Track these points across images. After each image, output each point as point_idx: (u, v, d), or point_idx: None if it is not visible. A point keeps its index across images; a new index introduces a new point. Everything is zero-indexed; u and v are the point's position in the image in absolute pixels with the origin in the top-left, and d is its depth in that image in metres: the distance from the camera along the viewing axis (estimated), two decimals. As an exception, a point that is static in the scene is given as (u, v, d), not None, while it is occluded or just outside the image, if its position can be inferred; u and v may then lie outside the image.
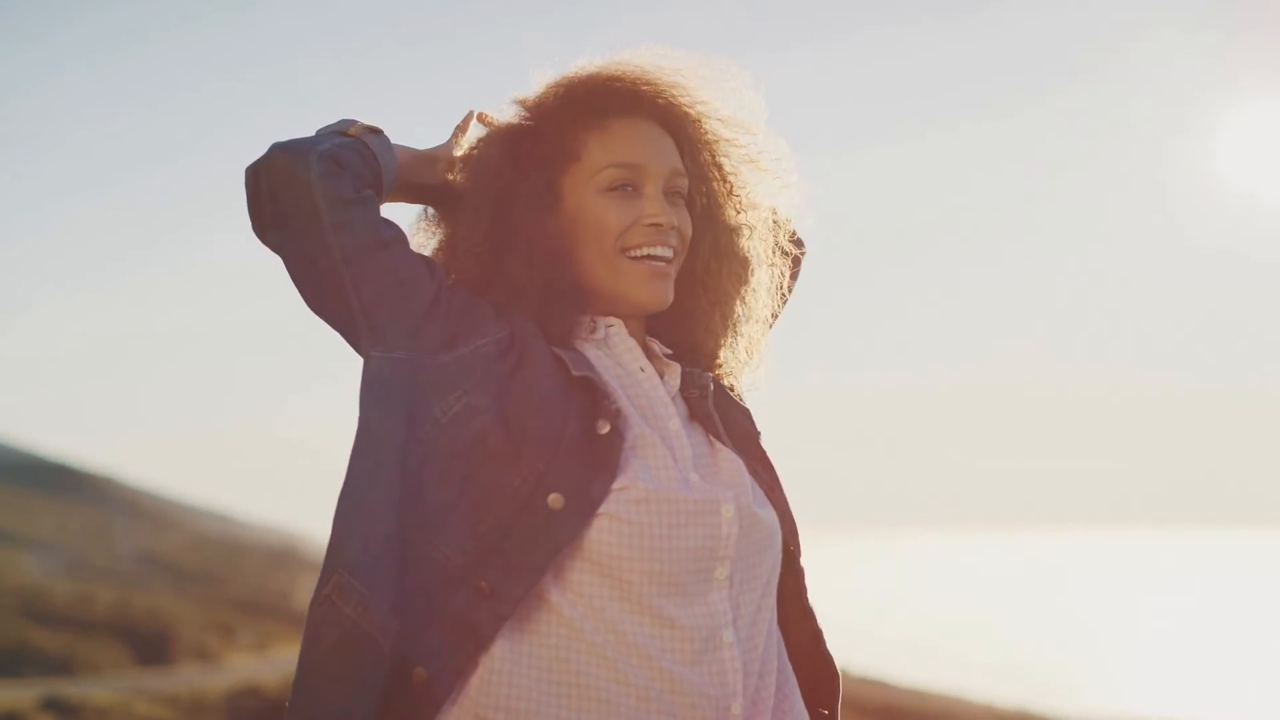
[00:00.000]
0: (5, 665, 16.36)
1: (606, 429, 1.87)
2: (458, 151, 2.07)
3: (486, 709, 1.81)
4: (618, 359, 1.99)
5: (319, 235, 1.85)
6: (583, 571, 1.83)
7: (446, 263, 2.00)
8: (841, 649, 2.11)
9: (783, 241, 2.13)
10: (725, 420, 2.04)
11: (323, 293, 1.89)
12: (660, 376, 2.01)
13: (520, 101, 2.05)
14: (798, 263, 2.23)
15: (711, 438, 1.99)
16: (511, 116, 2.04)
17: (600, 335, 2.00)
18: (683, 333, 2.07)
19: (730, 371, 2.10)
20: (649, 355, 2.02)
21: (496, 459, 1.84)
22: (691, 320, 2.06)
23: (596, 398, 1.89)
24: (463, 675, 1.82)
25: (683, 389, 2.02)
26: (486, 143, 2.03)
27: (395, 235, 1.92)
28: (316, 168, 1.86)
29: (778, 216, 2.13)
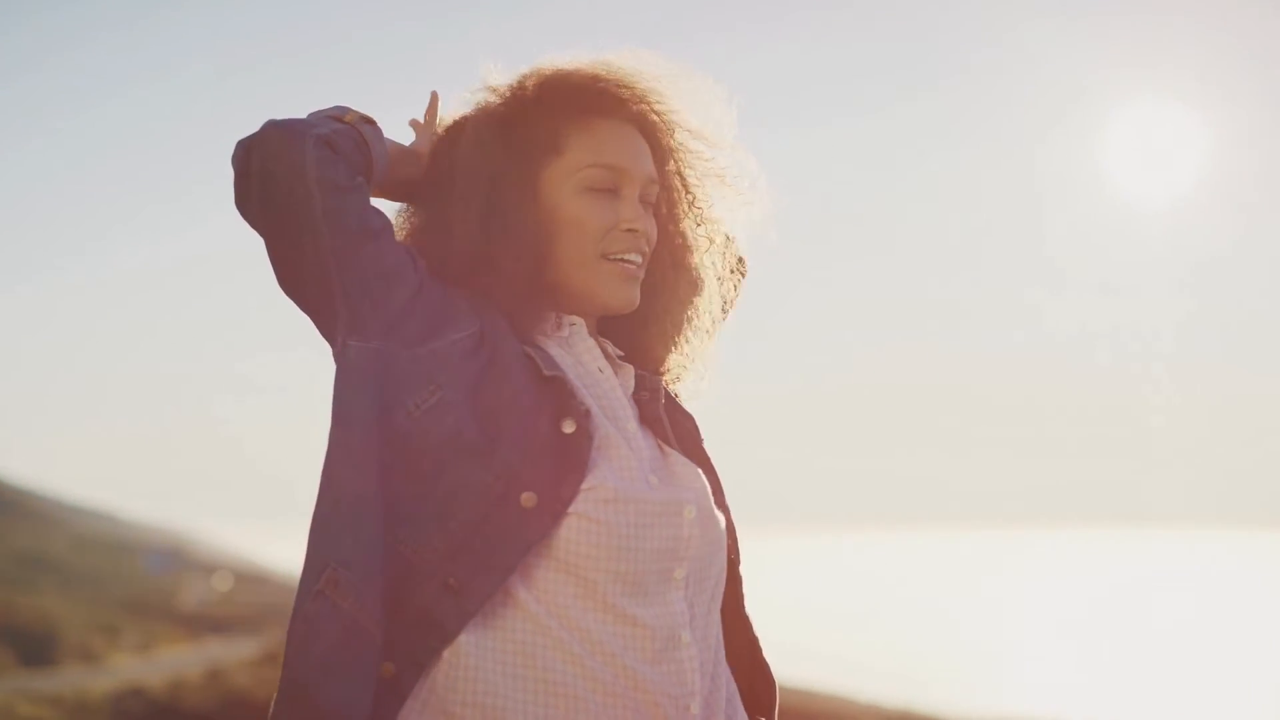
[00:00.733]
0: (-117, 667, 16.04)
1: (574, 428, 1.87)
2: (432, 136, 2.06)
3: (454, 704, 1.81)
4: (578, 357, 2.00)
5: (309, 220, 1.83)
6: (548, 569, 1.83)
7: (426, 251, 1.97)
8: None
9: (731, 260, 2.17)
10: (673, 424, 2.06)
11: (303, 277, 1.87)
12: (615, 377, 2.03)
13: (493, 88, 2.03)
14: (739, 284, 2.25)
15: (660, 442, 2.01)
16: (484, 100, 2.03)
17: (565, 333, 2.00)
18: (631, 336, 2.08)
19: (676, 378, 2.13)
20: (605, 356, 2.03)
21: (469, 456, 1.83)
22: (641, 325, 2.07)
23: (565, 397, 1.90)
24: (426, 670, 1.82)
25: (635, 391, 2.03)
26: (475, 125, 2.00)
27: (384, 225, 1.90)
28: (313, 151, 1.83)
29: (730, 235, 2.16)
